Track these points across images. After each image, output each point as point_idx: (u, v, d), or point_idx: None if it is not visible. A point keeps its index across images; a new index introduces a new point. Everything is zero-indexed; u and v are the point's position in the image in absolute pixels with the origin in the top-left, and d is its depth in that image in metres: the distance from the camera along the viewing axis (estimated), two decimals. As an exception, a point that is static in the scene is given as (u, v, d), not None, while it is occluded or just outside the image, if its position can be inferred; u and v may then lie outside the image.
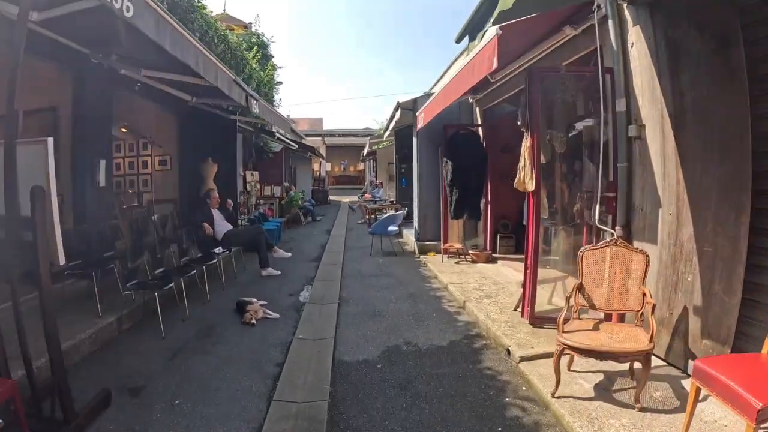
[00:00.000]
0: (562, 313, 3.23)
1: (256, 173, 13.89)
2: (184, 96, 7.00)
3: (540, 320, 4.39)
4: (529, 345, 3.91)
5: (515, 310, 4.88)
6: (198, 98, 7.26)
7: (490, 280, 6.35)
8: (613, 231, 4.18)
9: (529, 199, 4.41)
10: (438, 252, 8.22)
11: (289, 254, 7.31)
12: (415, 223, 8.67)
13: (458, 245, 7.78)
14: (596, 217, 4.19)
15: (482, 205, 7.80)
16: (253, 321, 4.82)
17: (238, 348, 4.16)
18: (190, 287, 5.82)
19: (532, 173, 4.26)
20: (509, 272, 6.78)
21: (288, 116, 26.44)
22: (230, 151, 9.45)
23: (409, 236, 9.50)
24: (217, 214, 7.09)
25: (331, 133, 34.34)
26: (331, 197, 24.55)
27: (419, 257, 8.20)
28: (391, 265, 7.62)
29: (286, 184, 17.04)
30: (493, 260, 7.59)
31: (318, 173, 26.61)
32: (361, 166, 35.06)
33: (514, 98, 7.21)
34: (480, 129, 8.12)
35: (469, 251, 7.68)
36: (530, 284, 4.35)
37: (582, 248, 3.58)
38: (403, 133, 12.10)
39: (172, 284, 4.86)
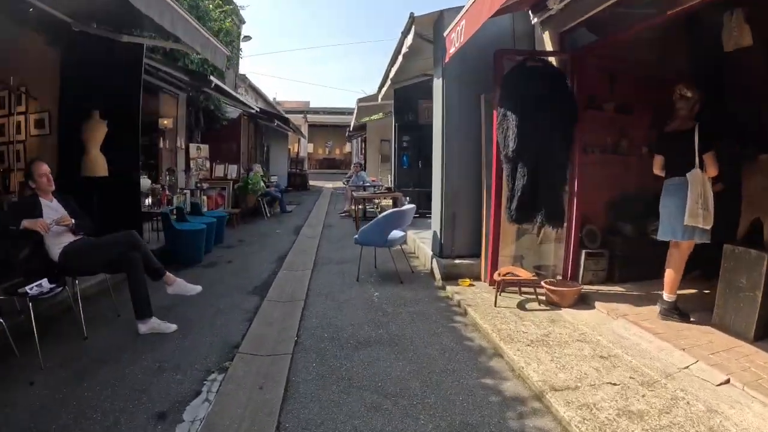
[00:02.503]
0: None
1: (204, 147, 10.22)
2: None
3: None
4: None
5: None
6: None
7: (623, 365, 2.86)
8: None
9: None
10: (475, 277, 4.70)
11: (198, 288, 3.71)
12: (436, 227, 5.08)
13: (524, 272, 4.23)
14: None
15: (565, 200, 4.28)
16: None
17: None
18: None
19: None
20: (640, 337, 3.32)
21: (274, 99, 22.39)
22: (130, 102, 5.72)
23: (422, 245, 5.92)
24: (53, 209, 3.45)
25: (315, 111, 30.34)
26: (313, 182, 20.79)
27: (445, 288, 4.61)
28: (396, 311, 4.01)
29: (256, 164, 13.29)
30: (585, 301, 4.10)
31: (296, 154, 22.75)
32: (347, 148, 31.17)
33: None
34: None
35: (543, 283, 4.15)
36: None
37: None
38: (405, 92, 8.47)
39: None
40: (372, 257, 5.48)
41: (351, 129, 17.81)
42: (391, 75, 6.33)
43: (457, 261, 4.75)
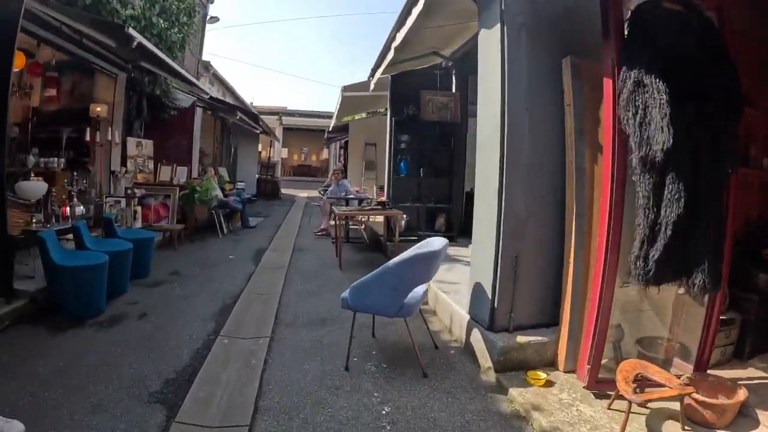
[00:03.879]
0: None
1: (147, 143, 8.09)
2: None
3: None
4: None
5: None
6: None
7: None
8: None
9: None
10: (547, 363, 2.80)
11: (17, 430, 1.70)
12: (482, 278, 3.08)
13: (661, 373, 2.33)
14: None
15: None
16: None
17: None
18: None
19: None
20: None
21: (251, 103, 20.50)
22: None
23: (443, 297, 3.93)
24: None
25: (290, 113, 28.14)
26: (285, 190, 18.58)
27: (507, 392, 2.61)
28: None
29: (215, 168, 11.09)
30: (747, 413, 2.28)
31: (268, 158, 20.50)
32: (324, 155, 29.05)
33: None
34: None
35: (686, 390, 2.28)
36: None
37: None
38: (405, 79, 6.61)
39: None
40: (370, 321, 3.49)
41: (330, 129, 15.76)
42: (396, 43, 4.42)
43: (520, 338, 2.80)
